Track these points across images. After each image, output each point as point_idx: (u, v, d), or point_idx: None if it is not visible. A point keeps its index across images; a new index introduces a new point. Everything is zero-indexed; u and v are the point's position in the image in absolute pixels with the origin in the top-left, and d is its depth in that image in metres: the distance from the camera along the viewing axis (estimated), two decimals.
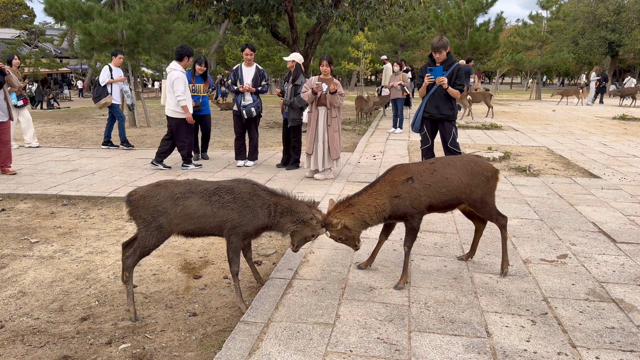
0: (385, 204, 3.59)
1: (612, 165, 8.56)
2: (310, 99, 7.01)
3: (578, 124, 15.36)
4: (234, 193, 3.34)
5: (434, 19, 27.01)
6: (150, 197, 3.28)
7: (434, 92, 6.13)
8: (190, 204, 3.29)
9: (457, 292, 3.61)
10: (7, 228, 5.22)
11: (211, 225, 3.33)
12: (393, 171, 3.71)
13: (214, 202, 3.30)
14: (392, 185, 3.62)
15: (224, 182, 3.44)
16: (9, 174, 7.49)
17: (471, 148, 10.25)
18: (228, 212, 3.31)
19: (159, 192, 3.30)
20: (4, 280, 3.93)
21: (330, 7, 13.22)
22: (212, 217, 3.30)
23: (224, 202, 3.31)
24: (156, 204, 3.25)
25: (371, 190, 3.66)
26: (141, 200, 3.27)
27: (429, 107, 6.20)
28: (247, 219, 3.34)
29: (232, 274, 3.41)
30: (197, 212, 3.28)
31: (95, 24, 12.94)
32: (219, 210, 3.30)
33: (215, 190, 3.34)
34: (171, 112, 7.80)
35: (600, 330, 3.09)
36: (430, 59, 6.16)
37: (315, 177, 7.32)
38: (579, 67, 53.64)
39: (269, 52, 27.00)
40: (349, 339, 2.95)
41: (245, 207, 3.33)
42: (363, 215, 3.58)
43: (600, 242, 4.68)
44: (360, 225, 3.61)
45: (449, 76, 5.99)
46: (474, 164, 3.77)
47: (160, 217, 3.25)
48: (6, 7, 55.14)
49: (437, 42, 5.96)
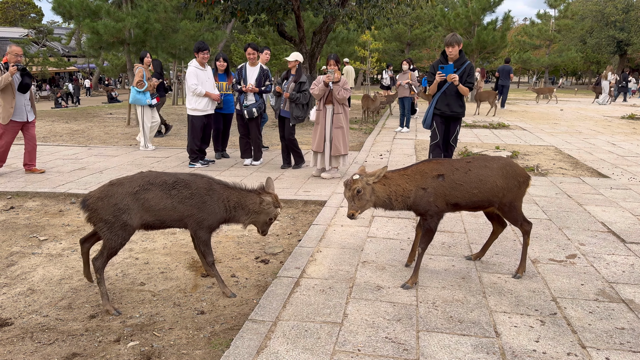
0: (412, 191, 3.58)
1: (621, 164, 8.50)
2: (322, 93, 7.02)
3: (586, 124, 15.26)
4: (192, 188, 3.44)
5: (441, 17, 26.88)
6: (108, 197, 3.26)
7: (445, 89, 6.25)
8: (151, 197, 3.33)
9: (466, 291, 3.59)
10: (16, 226, 5.25)
11: (172, 218, 3.43)
12: (428, 163, 3.71)
13: (173, 196, 3.39)
14: (422, 175, 3.61)
15: (182, 175, 3.52)
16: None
17: (479, 147, 10.21)
18: (188, 208, 3.41)
19: (116, 190, 3.29)
20: (14, 278, 3.95)
21: (337, 6, 13.19)
22: (172, 210, 3.40)
23: (183, 197, 3.40)
24: (116, 202, 3.24)
25: (404, 172, 3.67)
26: (99, 202, 3.25)
27: (440, 104, 6.36)
28: (206, 214, 3.44)
29: (209, 265, 3.58)
30: (157, 204, 3.35)
31: (103, 22, 13.00)
32: (179, 204, 3.39)
33: (174, 184, 3.42)
34: (188, 110, 8.04)
35: (610, 330, 3.06)
36: (443, 55, 6.27)
37: (322, 176, 7.31)
38: (587, 66, 53.31)
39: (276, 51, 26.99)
40: (357, 338, 2.95)
41: (202, 202, 3.43)
42: (391, 191, 3.58)
43: (609, 242, 4.65)
44: (384, 199, 3.59)
45: (461, 74, 6.11)
46: (510, 167, 3.73)
47: (123, 215, 3.25)
48: (14, 6, 55.50)
49: (450, 37, 6.11)
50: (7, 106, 7.17)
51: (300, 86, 7.55)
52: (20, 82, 7.23)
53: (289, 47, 24.47)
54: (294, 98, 7.53)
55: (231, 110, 8.84)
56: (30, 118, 7.53)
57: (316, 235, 4.77)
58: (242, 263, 4.28)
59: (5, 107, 7.17)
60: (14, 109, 7.23)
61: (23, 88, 7.27)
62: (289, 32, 15.41)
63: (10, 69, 6.96)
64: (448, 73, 6.08)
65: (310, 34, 15.84)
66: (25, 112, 7.41)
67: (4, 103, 7.17)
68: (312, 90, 7.13)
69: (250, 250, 4.59)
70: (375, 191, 3.56)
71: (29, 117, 7.50)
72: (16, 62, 7.07)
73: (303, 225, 5.34)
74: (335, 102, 7.08)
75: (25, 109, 7.41)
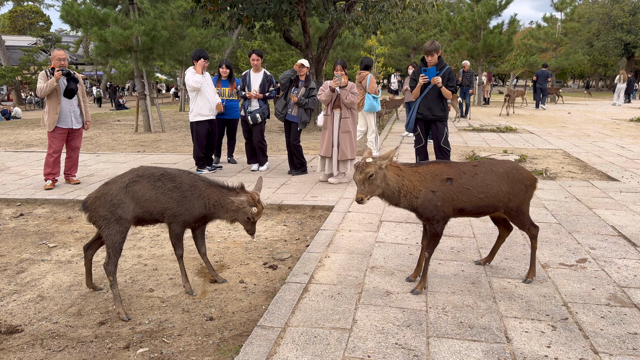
0: (422, 191, 3.51)
1: (630, 167, 8.43)
2: (328, 98, 7.05)
3: (594, 127, 15.18)
4: (175, 182, 3.54)
5: (447, 22, 26.87)
6: (104, 195, 3.45)
7: (426, 94, 6.56)
8: (138, 188, 3.49)
9: (476, 297, 3.57)
10: (26, 233, 5.29)
11: (155, 210, 3.52)
12: (439, 165, 3.64)
13: (157, 187, 3.51)
14: (433, 178, 3.55)
15: (170, 170, 3.63)
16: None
17: (486, 151, 10.17)
18: (168, 200, 3.50)
19: (110, 187, 3.48)
20: (23, 285, 3.97)
21: (343, 12, 13.23)
22: (155, 202, 3.50)
23: (166, 189, 3.51)
24: (111, 198, 3.43)
25: (416, 169, 3.59)
26: (97, 201, 3.45)
27: (422, 109, 6.66)
28: (184, 209, 3.53)
29: (176, 257, 3.70)
30: (143, 195, 3.48)
31: (111, 30, 13.10)
32: (161, 196, 3.50)
33: (160, 176, 3.54)
34: (191, 117, 8.01)
35: (623, 336, 3.03)
36: (422, 62, 6.61)
37: (329, 181, 7.31)
38: (594, 69, 53.03)
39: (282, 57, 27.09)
40: (366, 344, 2.93)
41: (183, 197, 3.52)
42: (403, 185, 3.51)
43: (620, 246, 4.61)
44: (393, 189, 3.49)
45: (442, 78, 6.41)
46: (516, 171, 3.68)
47: (118, 209, 3.41)
48: (23, 14, 56.10)
49: (429, 45, 6.39)
50: (52, 112, 6.95)
51: (310, 92, 7.58)
52: (65, 87, 6.99)
53: (295, 53, 24.55)
54: (303, 103, 7.55)
55: (236, 116, 8.86)
56: (76, 126, 7.22)
57: (324, 241, 4.76)
58: (251, 269, 4.28)
59: (50, 113, 6.96)
60: (59, 114, 6.98)
61: (68, 93, 7.01)
62: (295, 38, 15.45)
63: (55, 74, 6.76)
64: (431, 76, 6.37)
65: (317, 39, 15.90)
66: (70, 118, 7.12)
67: (49, 109, 6.97)
68: (319, 96, 7.17)
69: (258, 255, 4.59)
70: (387, 178, 3.46)
71: (75, 124, 7.19)
72: (61, 67, 6.85)
73: (311, 230, 5.33)
74: (343, 107, 7.10)
75: (72, 116, 7.13)
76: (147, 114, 14.53)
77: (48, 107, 7.00)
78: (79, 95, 7.24)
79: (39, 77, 6.94)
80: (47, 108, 7.01)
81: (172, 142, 12.04)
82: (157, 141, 12.44)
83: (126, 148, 11.14)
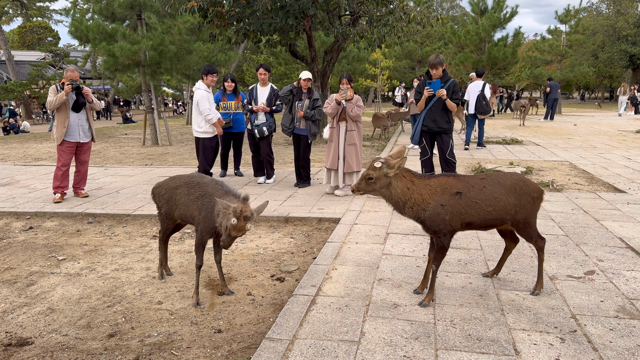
0: (430, 205, 3.49)
1: (637, 179, 8.41)
2: (334, 111, 7.11)
3: (600, 138, 15.15)
4: (202, 190, 3.75)
5: (452, 35, 26.99)
6: (159, 187, 4.06)
7: (431, 106, 6.62)
8: (179, 193, 3.86)
9: (483, 309, 3.57)
10: (35, 246, 5.33)
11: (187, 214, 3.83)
12: (448, 178, 3.64)
13: (191, 194, 3.77)
14: (443, 191, 3.53)
15: (205, 179, 3.84)
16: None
17: (492, 163, 10.17)
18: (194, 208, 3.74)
19: (166, 183, 4.02)
20: (33, 297, 4.00)
21: (348, 26, 13.34)
22: (185, 207, 3.82)
23: (195, 196, 3.75)
24: (163, 192, 4.00)
25: (428, 182, 3.56)
26: (156, 189, 4.12)
27: (427, 121, 6.72)
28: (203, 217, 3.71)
29: (195, 267, 3.84)
30: (179, 200, 3.86)
31: (119, 45, 13.26)
32: (190, 203, 3.77)
33: (196, 185, 3.80)
34: (195, 132, 7.89)
35: (632, 348, 3.02)
36: (427, 75, 6.69)
37: (335, 194, 7.34)
38: (599, 81, 52.99)
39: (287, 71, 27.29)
40: (374, 357, 2.93)
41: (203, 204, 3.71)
42: (410, 197, 3.49)
43: (628, 258, 4.59)
44: (398, 199, 3.49)
45: (446, 90, 6.47)
46: (523, 183, 3.68)
47: (165, 205, 4.01)
48: (32, 30, 56.85)
49: (434, 59, 6.48)
50: (60, 126, 7.04)
51: (314, 103, 7.66)
52: (75, 101, 7.09)
53: (300, 67, 24.72)
54: (309, 116, 7.61)
55: (242, 129, 8.93)
56: (84, 139, 7.29)
57: (331, 253, 4.77)
58: (258, 281, 4.29)
59: (58, 127, 7.05)
60: (67, 128, 7.07)
61: (77, 107, 7.12)
62: (300, 52, 15.57)
63: (65, 88, 6.85)
64: (436, 89, 6.43)
65: (322, 53, 16.02)
66: (78, 132, 7.19)
67: (57, 123, 7.07)
68: (325, 109, 7.24)
69: (265, 268, 4.60)
70: (392, 187, 3.45)
71: (82, 138, 7.26)
72: (71, 81, 6.92)
73: (318, 242, 5.35)
74: (349, 119, 7.16)
75: (79, 130, 7.20)
76: (155, 128, 14.65)
77: (57, 120, 7.10)
78: (87, 110, 7.32)
79: (49, 91, 7.05)
80: (56, 122, 7.11)
81: (180, 155, 12.12)
82: (164, 154, 12.53)
83: (134, 161, 11.23)
